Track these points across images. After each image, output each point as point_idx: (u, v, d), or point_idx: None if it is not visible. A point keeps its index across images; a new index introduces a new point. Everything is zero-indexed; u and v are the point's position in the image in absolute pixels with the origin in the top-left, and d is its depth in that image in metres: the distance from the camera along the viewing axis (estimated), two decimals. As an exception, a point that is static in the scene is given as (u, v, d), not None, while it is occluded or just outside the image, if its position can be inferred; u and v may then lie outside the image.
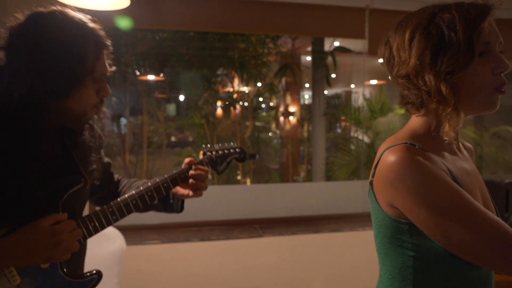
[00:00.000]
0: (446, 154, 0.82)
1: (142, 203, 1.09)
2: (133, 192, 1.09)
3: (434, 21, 0.74)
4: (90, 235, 1.00)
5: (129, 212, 1.08)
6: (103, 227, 1.02)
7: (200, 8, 2.58)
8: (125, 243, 1.93)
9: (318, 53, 3.82)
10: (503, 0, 0.73)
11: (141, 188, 1.11)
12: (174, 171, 1.17)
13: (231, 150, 1.29)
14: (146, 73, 3.43)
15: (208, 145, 1.29)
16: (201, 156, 1.25)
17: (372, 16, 2.78)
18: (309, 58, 4.44)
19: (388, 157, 0.74)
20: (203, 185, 1.18)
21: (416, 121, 0.83)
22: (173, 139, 4.84)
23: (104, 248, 1.76)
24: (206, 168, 1.19)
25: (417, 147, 0.76)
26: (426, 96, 0.76)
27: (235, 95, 4.01)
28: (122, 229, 2.27)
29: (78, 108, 0.93)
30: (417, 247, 0.77)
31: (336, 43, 3.91)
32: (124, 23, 2.40)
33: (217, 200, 2.92)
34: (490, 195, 0.90)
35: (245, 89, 4.23)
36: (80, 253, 1.05)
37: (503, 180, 1.86)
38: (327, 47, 3.83)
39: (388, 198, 0.77)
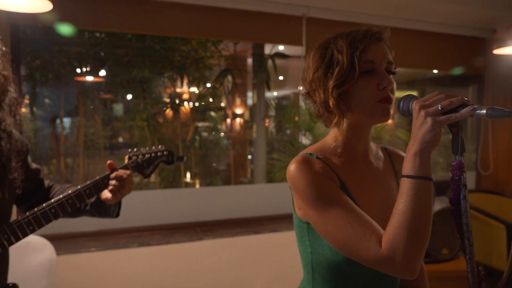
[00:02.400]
0: (346, 163, 0.92)
1: (62, 211, 1.08)
2: (52, 200, 1.07)
3: (329, 46, 0.87)
4: (3, 248, 0.97)
5: (48, 221, 1.05)
6: (18, 239, 0.99)
7: (139, 10, 2.54)
8: (55, 253, 1.86)
9: (258, 57, 3.90)
10: (423, 13, 0.83)
11: (61, 196, 1.09)
12: (97, 177, 1.18)
13: (158, 154, 1.31)
14: (83, 74, 3.29)
15: (135, 149, 1.31)
16: (126, 161, 1.26)
17: (308, 24, 2.91)
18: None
19: (289, 166, 0.87)
20: (123, 189, 1.18)
21: (330, 132, 0.95)
22: (120, 140, 4.63)
23: (30, 259, 1.69)
24: (126, 171, 1.19)
25: (314, 157, 0.87)
26: (322, 108, 0.89)
27: (177, 98, 3.97)
28: (54, 238, 2.17)
29: None
30: (313, 243, 0.89)
31: (281, 47, 4.00)
32: (57, 24, 2.30)
33: (158, 204, 2.88)
34: None
35: (194, 89, 4.21)
36: None
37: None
38: (268, 51, 3.91)
39: (295, 201, 0.90)
